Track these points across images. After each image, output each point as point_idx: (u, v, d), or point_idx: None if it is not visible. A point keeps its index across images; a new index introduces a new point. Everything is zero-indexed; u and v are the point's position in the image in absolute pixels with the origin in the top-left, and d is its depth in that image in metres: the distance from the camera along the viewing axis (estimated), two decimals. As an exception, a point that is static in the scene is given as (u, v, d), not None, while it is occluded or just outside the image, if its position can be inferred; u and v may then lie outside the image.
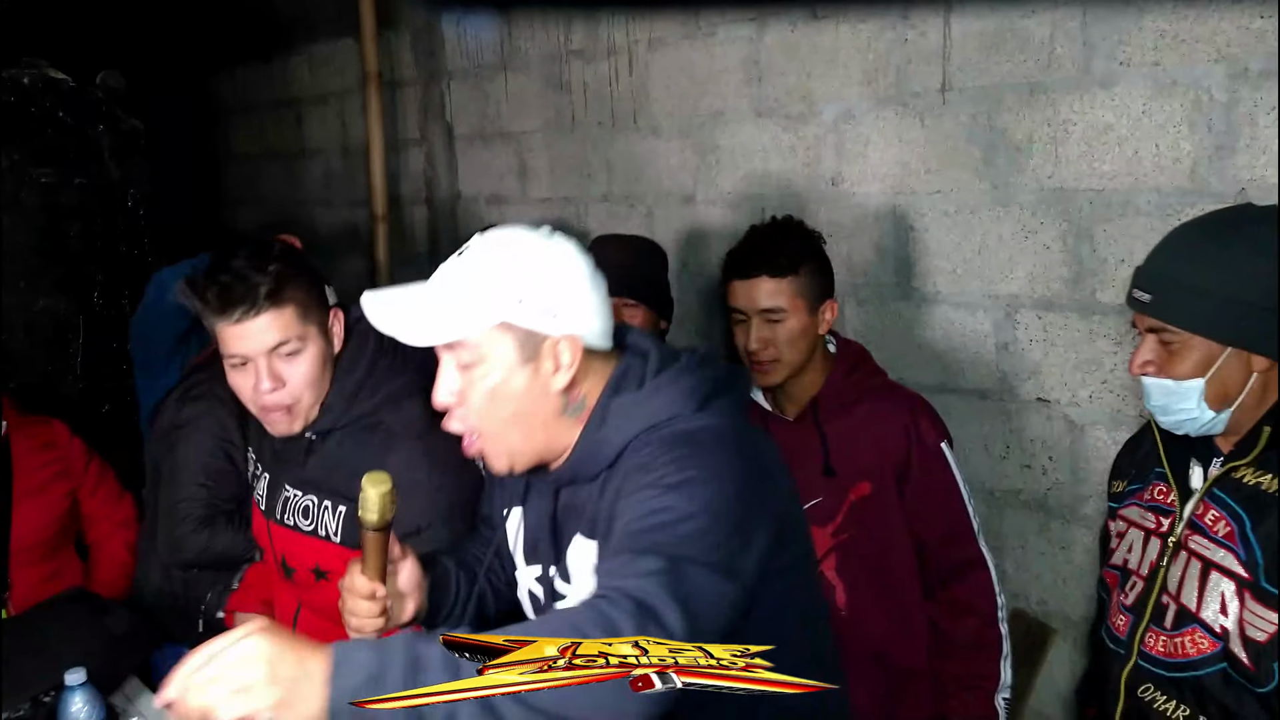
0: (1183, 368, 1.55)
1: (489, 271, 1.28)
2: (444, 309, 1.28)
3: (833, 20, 2.53)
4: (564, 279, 1.29)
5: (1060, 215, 2.20)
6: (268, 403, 1.69)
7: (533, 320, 1.27)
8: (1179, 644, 1.59)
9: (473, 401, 1.30)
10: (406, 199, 4.16)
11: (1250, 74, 1.90)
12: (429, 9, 3.82)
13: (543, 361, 1.29)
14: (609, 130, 3.21)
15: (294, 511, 1.80)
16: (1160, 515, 1.68)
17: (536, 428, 1.32)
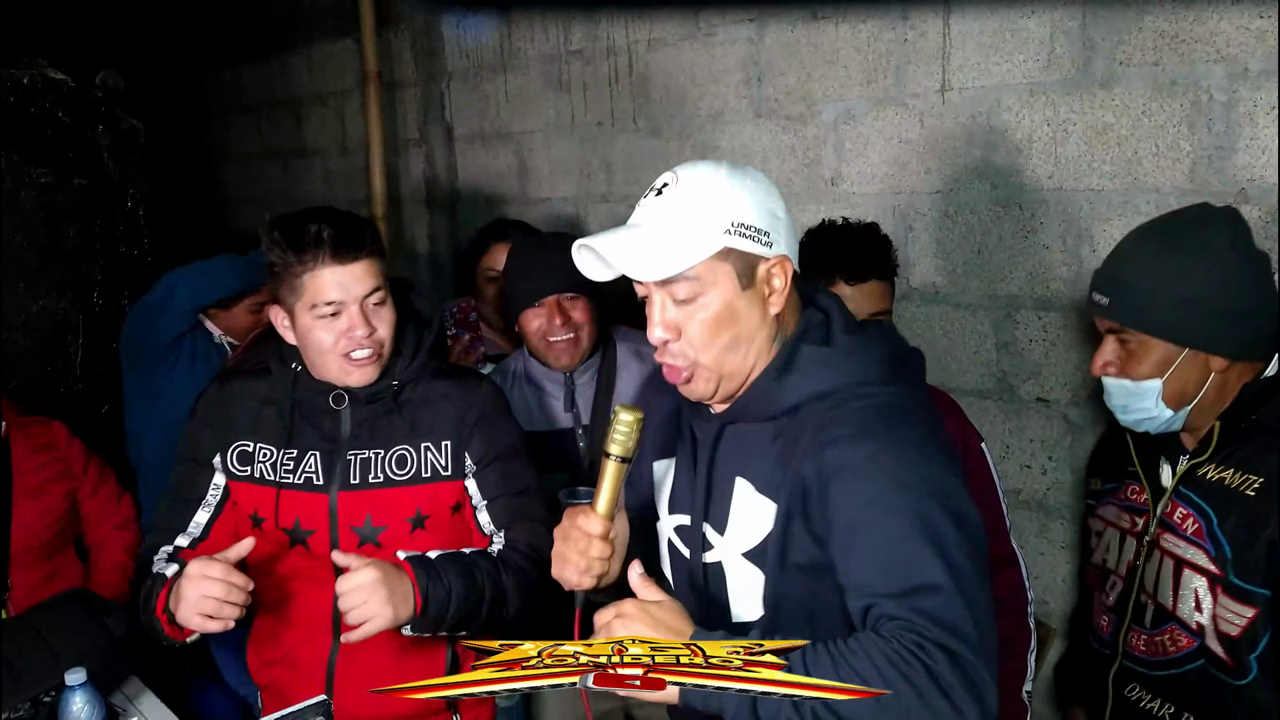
0: (1141, 369, 1.58)
1: (699, 202, 1.30)
2: (664, 243, 1.29)
3: (832, 21, 2.53)
4: (770, 203, 1.32)
5: (1060, 215, 2.20)
6: (358, 348, 1.75)
7: (749, 245, 1.29)
8: (1159, 643, 1.61)
9: (693, 333, 1.31)
10: (406, 199, 4.16)
11: (1250, 74, 1.91)
12: (429, 9, 3.82)
13: (759, 286, 1.31)
14: (608, 130, 3.21)
15: (383, 467, 1.83)
16: (1134, 515, 1.70)
17: (751, 353, 1.33)
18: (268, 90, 4.98)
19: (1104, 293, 1.60)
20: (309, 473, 1.83)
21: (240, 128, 5.32)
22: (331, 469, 1.83)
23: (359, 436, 1.84)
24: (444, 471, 1.85)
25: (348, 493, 1.82)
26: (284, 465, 1.84)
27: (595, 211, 3.32)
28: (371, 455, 1.83)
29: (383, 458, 1.83)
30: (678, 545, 1.46)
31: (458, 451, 1.86)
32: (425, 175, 4.05)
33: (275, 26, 4.76)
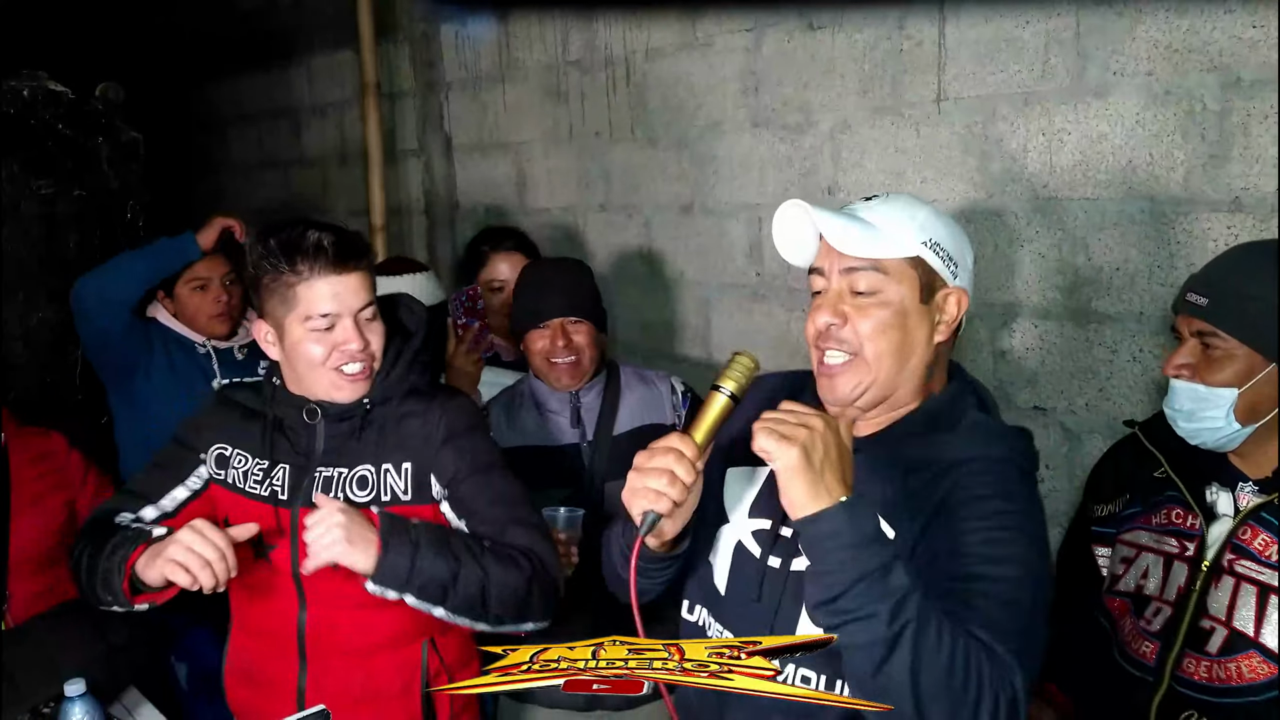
0: (1220, 375, 1.55)
1: (906, 211, 1.35)
2: (869, 229, 1.34)
3: (829, 31, 2.54)
4: (964, 242, 1.39)
5: (1055, 224, 2.21)
6: (350, 362, 1.74)
7: (938, 264, 1.34)
8: (1231, 669, 1.56)
9: (862, 323, 1.33)
10: (405, 209, 4.17)
11: (1243, 83, 1.92)
12: (427, 20, 3.84)
13: (934, 308, 1.35)
14: (607, 140, 3.22)
15: (344, 486, 1.79)
16: (1183, 539, 1.65)
17: (905, 371, 1.36)
18: (267, 101, 5.00)
19: (1202, 293, 1.57)
20: (275, 486, 1.81)
21: (240, 138, 5.33)
22: (298, 484, 1.80)
23: (329, 453, 1.81)
24: (402, 496, 1.79)
25: (309, 510, 1.75)
26: (254, 475, 1.84)
27: (594, 221, 3.33)
28: (335, 474, 1.80)
29: (345, 477, 1.80)
30: (749, 548, 1.44)
31: (420, 475, 1.80)
32: (424, 185, 4.06)
33: (275, 37, 4.77)
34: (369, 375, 1.78)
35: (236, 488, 1.84)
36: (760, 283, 2.87)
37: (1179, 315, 1.62)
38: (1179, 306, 1.61)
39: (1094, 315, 2.19)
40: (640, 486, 1.25)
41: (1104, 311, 2.17)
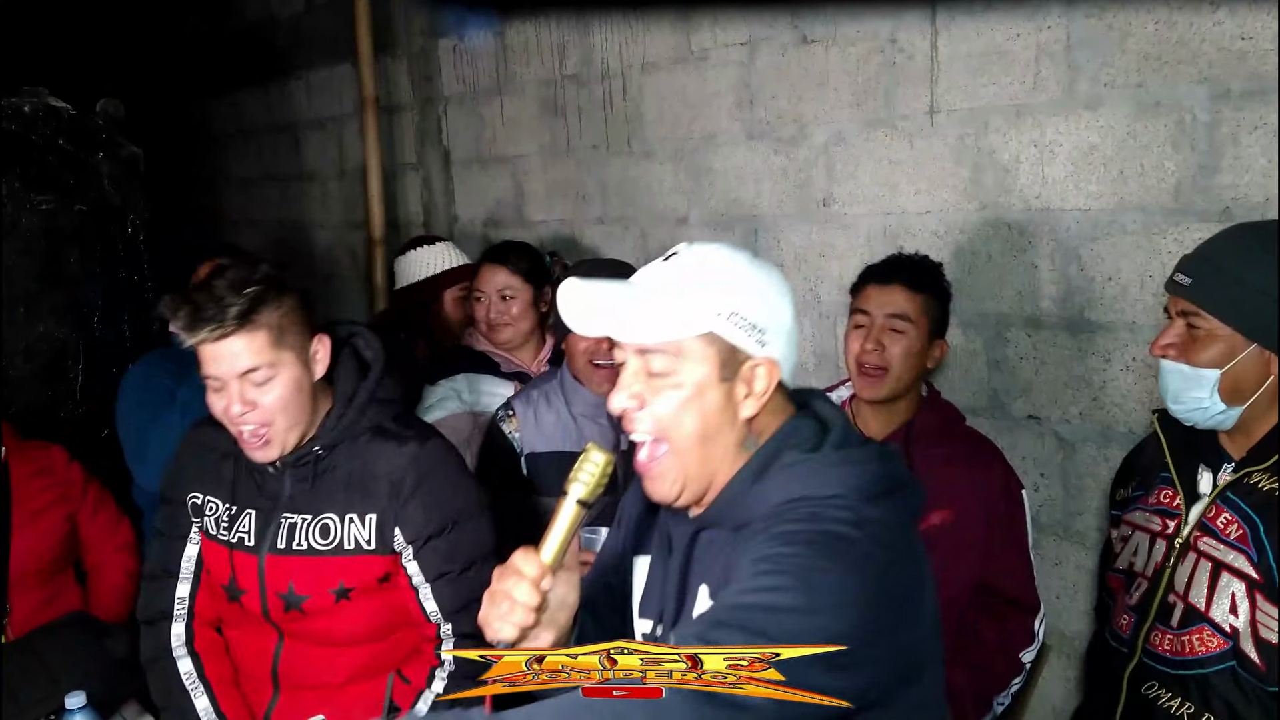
0: (1204, 355, 1.56)
1: (703, 279, 1.21)
2: (654, 309, 1.20)
3: (822, 44, 2.56)
4: (775, 302, 1.24)
5: (1048, 234, 2.23)
6: (241, 426, 1.68)
7: (738, 336, 1.20)
8: (1186, 642, 1.61)
9: (657, 410, 1.22)
10: (403, 222, 4.18)
11: (1232, 95, 1.93)
12: (426, 35, 3.86)
13: (738, 383, 1.22)
14: (603, 153, 3.24)
15: (307, 535, 1.76)
16: (1166, 518, 1.69)
17: (715, 453, 1.23)
18: (266, 115, 5.02)
19: (1188, 273, 1.58)
20: (243, 532, 1.80)
21: (239, 153, 5.35)
22: (264, 530, 1.79)
23: (295, 498, 1.78)
24: (366, 546, 1.76)
25: (274, 556, 1.77)
26: (223, 522, 1.83)
27: (591, 234, 3.34)
28: (299, 520, 1.77)
29: (309, 524, 1.77)
30: None
31: (384, 526, 1.76)
32: (423, 199, 4.08)
33: (274, 53, 4.80)
34: (267, 442, 1.70)
35: (210, 534, 1.84)
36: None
37: (1169, 295, 1.63)
38: (1168, 285, 1.63)
39: (1086, 325, 2.20)
40: (489, 611, 1.18)
41: (1096, 321, 2.18)
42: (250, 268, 1.67)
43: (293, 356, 1.68)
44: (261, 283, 1.64)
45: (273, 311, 1.65)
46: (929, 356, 2.06)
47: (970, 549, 2.01)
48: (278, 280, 1.68)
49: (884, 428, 2.08)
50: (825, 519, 1.14)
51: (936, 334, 2.07)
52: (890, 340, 2.02)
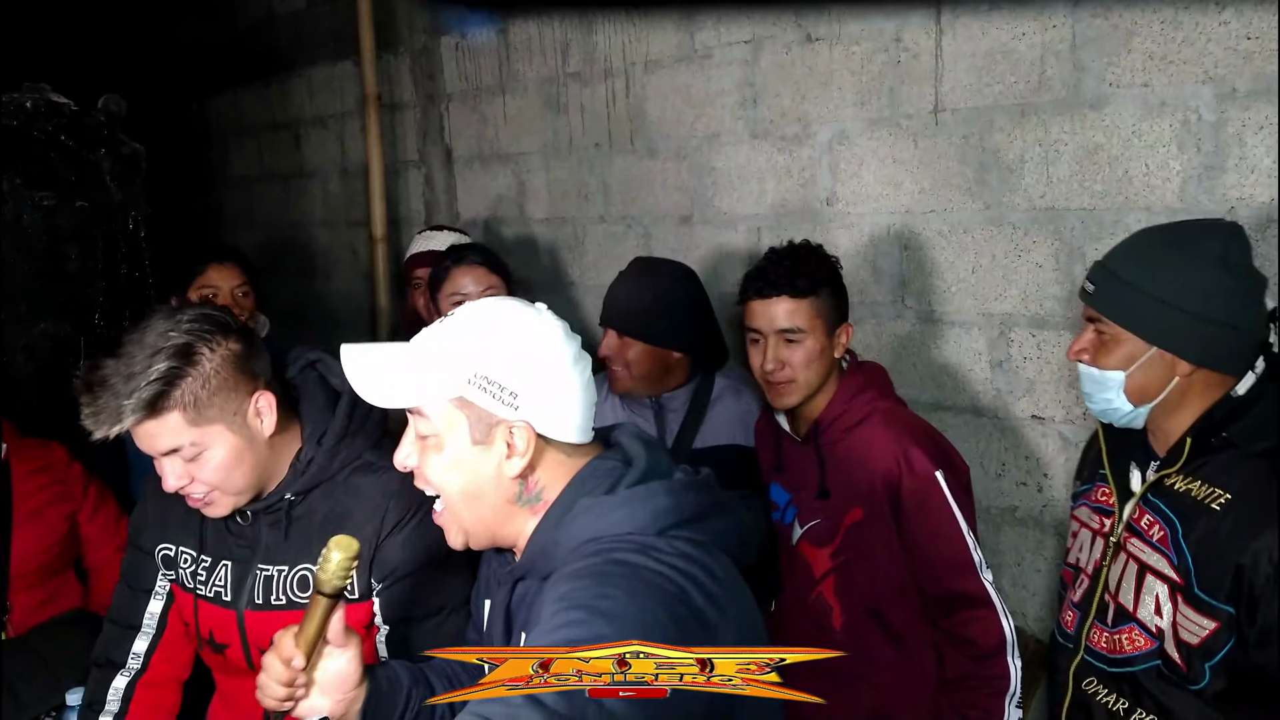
0: (1109, 359, 1.63)
1: (457, 342, 1.24)
2: (405, 374, 1.25)
3: (826, 42, 2.55)
4: (532, 363, 1.23)
5: (1052, 234, 2.22)
6: (186, 496, 1.58)
7: (488, 401, 1.22)
8: (1118, 640, 1.67)
9: (426, 471, 1.27)
10: (405, 220, 4.18)
11: (1238, 94, 1.93)
12: (428, 32, 3.85)
13: (495, 444, 1.23)
14: (606, 152, 3.23)
15: (284, 588, 1.67)
16: (1103, 516, 1.75)
17: (486, 509, 1.26)
18: (268, 113, 5.02)
19: (1092, 280, 1.66)
20: (219, 586, 1.71)
21: (240, 150, 5.35)
22: (240, 584, 1.69)
23: (271, 549, 1.68)
24: (349, 595, 1.62)
25: (254, 612, 1.68)
26: (199, 575, 1.73)
27: (593, 232, 3.34)
28: (275, 573, 1.67)
29: (286, 576, 1.67)
30: None
31: (363, 570, 1.64)
32: (424, 197, 4.07)
33: (275, 50, 4.79)
34: (215, 501, 1.59)
35: (185, 587, 1.75)
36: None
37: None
38: (1080, 293, 1.70)
39: (1091, 325, 2.20)
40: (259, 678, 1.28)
41: (1101, 321, 2.18)
42: (162, 334, 1.50)
43: (222, 427, 1.53)
44: (169, 358, 1.47)
45: (186, 387, 1.49)
46: (835, 347, 2.04)
47: (884, 545, 1.97)
48: (195, 342, 1.51)
49: (808, 421, 2.07)
50: (610, 552, 1.16)
51: (838, 322, 2.04)
52: (788, 353, 1.99)
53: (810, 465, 2.06)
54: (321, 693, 1.29)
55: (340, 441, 1.66)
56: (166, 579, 1.80)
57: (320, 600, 1.22)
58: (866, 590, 2.02)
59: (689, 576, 1.15)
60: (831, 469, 2.03)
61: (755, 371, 2.06)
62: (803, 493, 2.09)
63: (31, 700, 1.97)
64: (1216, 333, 1.57)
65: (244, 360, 1.56)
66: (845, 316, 2.07)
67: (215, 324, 1.55)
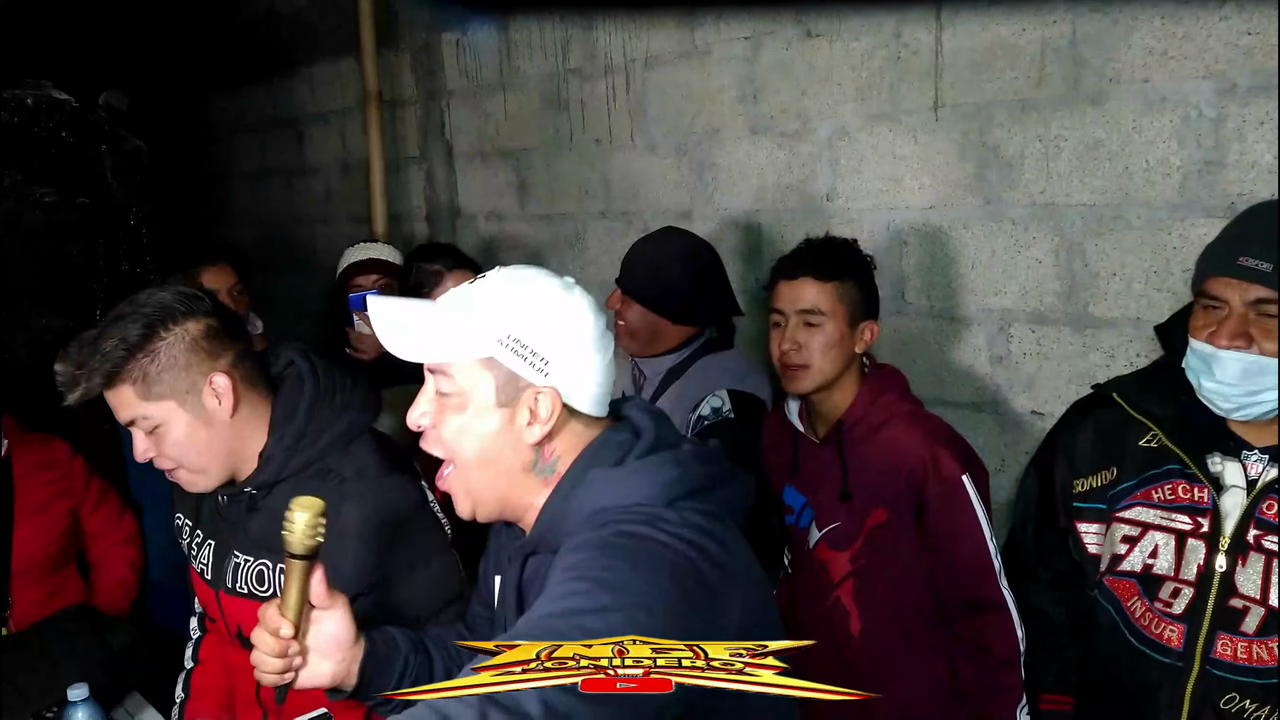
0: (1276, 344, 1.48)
1: (490, 303, 1.24)
2: (435, 329, 1.24)
3: (826, 39, 2.55)
4: (564, 331, 1.23)
5: (1052, 230, 2.22)
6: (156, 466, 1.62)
7: (518, 364, 1.22)
8: (1272, 649, 1.53)
9: (443, 431, 1.25)
10: (406, 216, 4.18)
11: (1239, 90, 1.93)
12: (429, 29, 3.86)
13: (519, 409, 1.23)
14: (606, 148, 3.23)
15: (248, 578, 1.68)
16: (1195, 515, 1.60)
17: (500, 475, 1.26)
18: (269, 109, 5.02)
19: (1262, 258, 1.49)
20: (204, 563, 1.76)
21: (242, 147, 5.35)
22: (220, 565, 1.72)
23: (241, 537, 1.70)
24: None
25: (228, 595, 1.70)
26: (194, 549, 1.79)
27: (594, 228, 3.34)
28: (243, 562, 1.69)
29: (249, 566, 1.68)
30: None
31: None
32: (426, 193, 4.07)
33: (277, 47, 4.80)
34: (183, 479, 1.63)
35: (190, 557, 1.82)
36: (758, 288, 2.88)
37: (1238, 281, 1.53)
38: (1234, 271, 1.52)
39: (1091, 320, 2.20)
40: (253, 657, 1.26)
41: (1101, 316, 2.18)
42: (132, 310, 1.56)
43: (174, 404, 1.57)
44: (126, 333, 1.54)
45: (136, 363, 1.54)
46: (857, 341, 2.03)
47: (906, 548, 1.96)
48: (154, 320, 1.56)
49: (828, 421, 2.06)
50: (618, 524, 1.16)
51: (863, 316, 2.03)
52: (806, 335, 1.98)
53: (831, 467, 2.03)
54: (319, 658, 1.28)
55: (299, 441, 1.64)
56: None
57: (295, 564, 1.20)
58: (886, 595, 1.99)
59: (697, 547, 1.15)
60: (854, 471, 2.00)
61: (773, 357, 2.04)
62: (821, 495, 2.06)
63: (33, 695, 1.98)
64: None
65: (204, 341, 1.59)
66: (872, 314, 2.06)
67: (183, 303, 1.59)
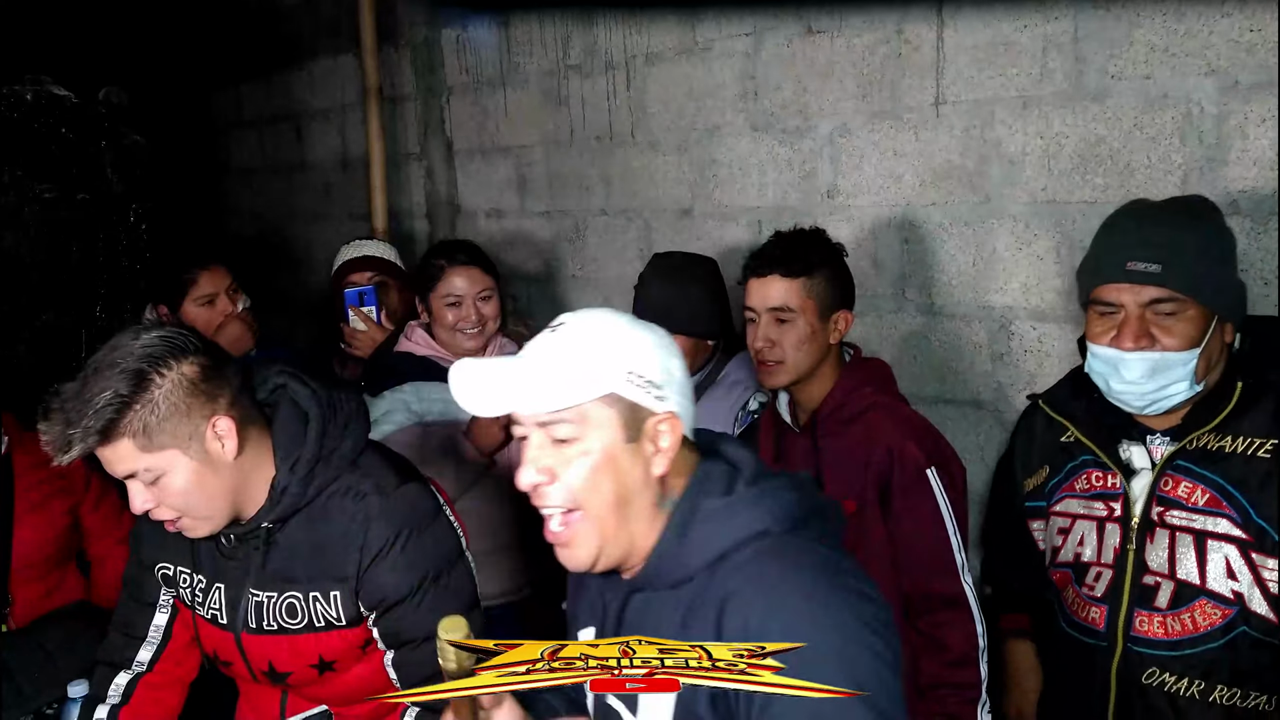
0: (1179, 340, 1.55)
1: (595, 342, 1.23)
2: (551, 377, 1.20)
3: (827, 35, 2.55)
4: (666, 357, 1.25)
5: (1054, 227, 2.22)
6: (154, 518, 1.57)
7: (639, 394, 1.21)
8: (1185, 620, 1.59)
9: (570, 480, 1.21)
10: (406, 213, 4.18)
11: (1240, 87, 1.92)
12: (429, 25, 3.85)
13: (644, 442, 1.22)
14: (607, 144, 3.23)
15: (274, 614, 1.64)
16: (1108, 501, 1.68)
17: (633, 516, 1.23)
18: (269, 105, 5.01)
19: (1152, 260, 1.55)
20: (215, 609, 1.70)
21: (242, 142, 5.35)
22: (235, 608, 1.67)
23: (258, 575, 1.65)
24: (337, 623, 1.63)
25: (250, 635, 1.66)
26: (197, 596, 1.72)
27: (594, 225, 3.34)
28: (265, 599, 1.65)
29: (275, 603, 1.64)
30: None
31: (349, 600, 1.62)
32: (425, 189, 4.07)
33: (277, 42, 4.79)
34: (186, 527, 1.58)
35: (188, 603, 1.75)
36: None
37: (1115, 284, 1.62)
38: (1123, 276, 1.61)
39: (1092, 318, 2.20)
40: None
41: (1102, 314, 2.18)
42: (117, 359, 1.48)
43: (176, 452, 1.50)
44: (118, 385, 1.46)
45: (135, 414, 1.47)
46: (830, 333, 2.04)
47: (875, 539, 1.96)
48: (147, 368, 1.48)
49: (809, 404, 2.08)
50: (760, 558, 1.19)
51: (836, 307, 2.04)
52: (778, 332, 2.01)
53: (806, 457, 2.06)
54: None
55: (314, 467, 1.61)
56: (169, 594, 1.79)
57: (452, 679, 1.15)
58: None
59: (836, 560, 1.21)
60: (826, 461, 2.02)
61: (750, 350, 2.09)
62: None
63: (33, 692, 1.98)
64: (1243, 292, 1.56)
65: (201, 383, 1.52)
66: (846, 304, 2.07)
67: (171, 347, 1.51)
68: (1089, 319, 1.67)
